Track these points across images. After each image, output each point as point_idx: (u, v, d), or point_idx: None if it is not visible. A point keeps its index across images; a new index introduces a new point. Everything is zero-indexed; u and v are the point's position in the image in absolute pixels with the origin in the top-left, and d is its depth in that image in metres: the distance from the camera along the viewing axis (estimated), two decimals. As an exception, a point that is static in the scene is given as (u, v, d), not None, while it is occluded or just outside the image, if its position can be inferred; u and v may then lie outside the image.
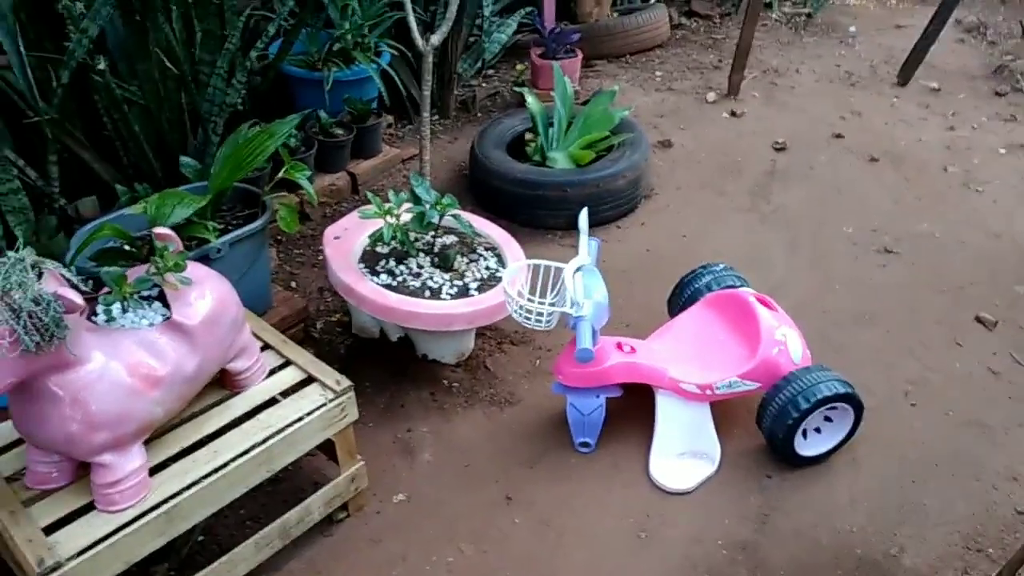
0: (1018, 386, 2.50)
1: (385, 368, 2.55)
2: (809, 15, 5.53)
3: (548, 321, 2.11)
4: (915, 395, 2.47)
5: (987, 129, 4.04)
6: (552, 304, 2.15)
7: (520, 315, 2.12)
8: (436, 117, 4.05)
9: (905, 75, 4.54)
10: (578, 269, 2.12)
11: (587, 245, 2.20)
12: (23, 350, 1.38)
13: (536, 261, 2.22)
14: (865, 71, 4.69)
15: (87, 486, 1.64)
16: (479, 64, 4.36)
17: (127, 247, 2.34)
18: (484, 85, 4.38)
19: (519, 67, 4.50)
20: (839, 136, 3.92)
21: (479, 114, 4.11)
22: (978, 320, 2.76)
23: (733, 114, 4.09)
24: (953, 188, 3.52)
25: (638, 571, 1.98)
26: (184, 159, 2.73)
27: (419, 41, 2.79)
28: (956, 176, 3.61)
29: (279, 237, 3.13)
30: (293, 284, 2.95)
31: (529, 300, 2.13)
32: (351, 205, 3.39)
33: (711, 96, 4.25)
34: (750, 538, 2.05)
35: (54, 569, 1.49)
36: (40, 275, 1.42)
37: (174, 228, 2.02)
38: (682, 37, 5.06)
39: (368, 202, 2.41)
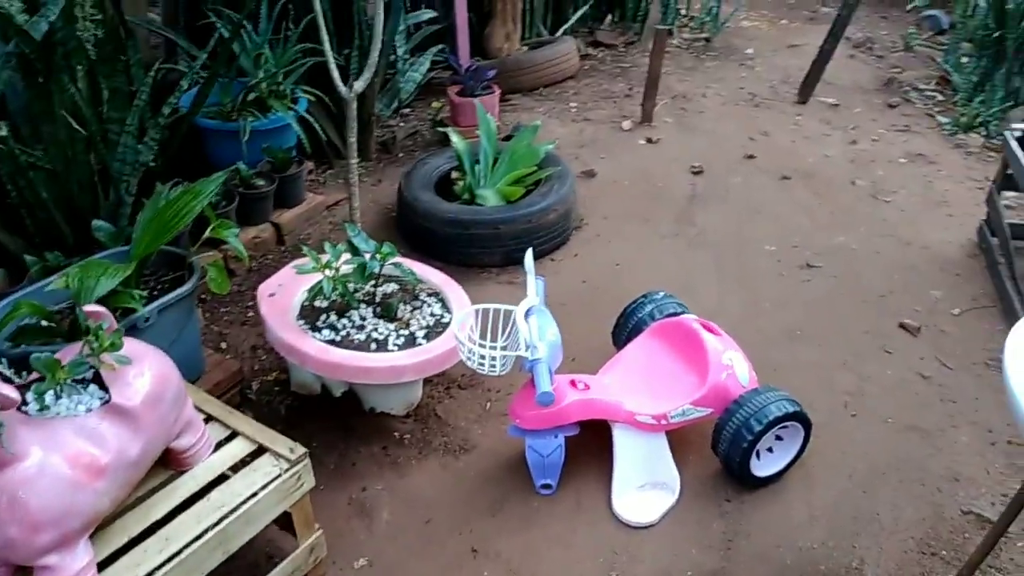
0: (948, 388, 2.62)
1: (331, 426, 2.46)
2: (708, 39, 5.75)
3: (503, 366, 2.09)
4: (854, 406, 2.56)
5: (886, 140, 4.27)
6: (504, 348, 2.12)
7: (473, 362, 2.09)
8: (358, 160, 3.99)
9: (804, 93, 4.76)
10: (528, 311, 2.11)
11: (535, 285, 2.19)
12: (-47, 455, 1.27)
13: (485, 305, 2.20)
14: (766, 91, 4.89)
15: (28, 593, 1.52)
16: (395, 104, 4.35)
17: (45, 323, 2.21)
18: (402, 125, 4.35)
19: (435, 104, 4.51)
20: (751, 156, 4.06)
21: (400, 154, 4.08)
22: (902, 327, 2.89)
23: (649, 141, 4.19)
24: (862, 200, 3.70)
25: (613, 612, 1.96)
26: (97, 222, 2.60)
27: (342, 88, 2.74)
28: (864, 188, 3.79)
29: (203, 297, 3.01)
30: (223, 345, 2.83)
31: (480, 346, 2.10)
32: (277, 257, 3.30)
33: (627, 124, 4.34)
34: (717, 566, 2.07)
35: None
36: (-33, 371, 1.31)
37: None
38: (591, 67, 5.17)
39: (298, 254, 2.34)
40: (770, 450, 2.28)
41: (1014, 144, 3.03)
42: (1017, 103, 4.44)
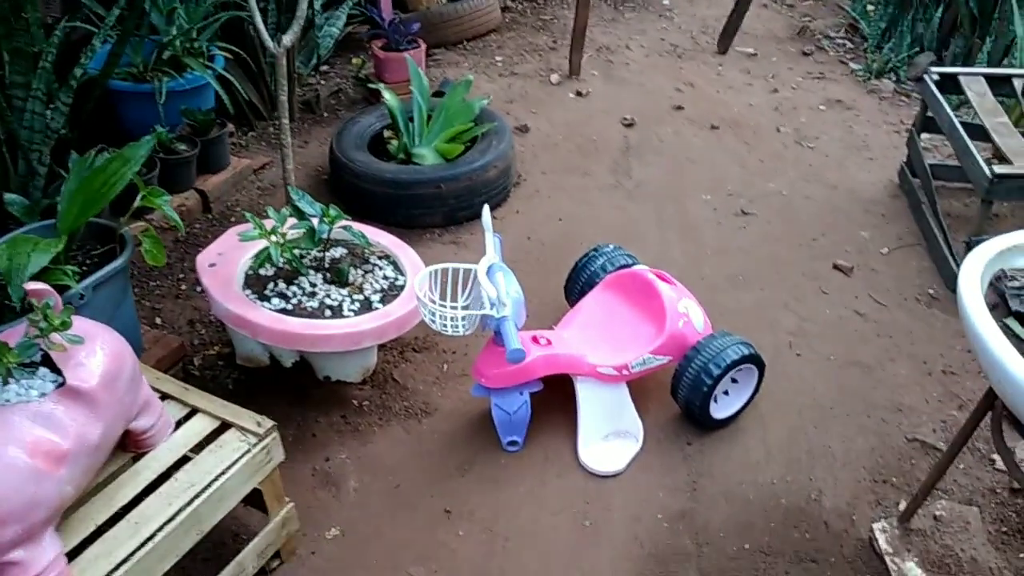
0: (883, 324, 2.74)
1: (284, 397, 2.39)
2: (625, -9, 5.74)
3: (467, 326, 2.05)
4: (798, 346, 2.65)
5: (804, 88, 4.39)
6: (466, 307, 2.09)
7: (436, 323, 2.05)
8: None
9: (724, 44, 4.82)
10: (489, 268, 2.08)
11: (493, 242, 2.16)
12: (-97, 453, 1.15)
13: (443, 265, 2.15)
14: (688, 43, 4.93)
15: (-11, 593, 1.42)
16: (314, 60, 4.18)
17: (-34, 306, 2.04)
18: (323, 83, 4.19)
19: (355, 60, 4.35)
20: (679, 108, 4.10)
21: (325, 114, 3.93)
22: (836, 267, 3.00)
23: (579, 94, 4.17)
24: (788, 147, 3.80)
25: (590, 559, 1.99)
26: (9, 196, 2.41)
27: (270, 43, 2.60)
28: (788, 135, 3.89)
29: (131, 271, 2.84)
30: (158, 321, 2.69)
31: (441, 306, 2.06)
32: (205, 226, 3.14)
33: (555, 78, 4.31)
34: (686, 507, 2.12)
35: None
36: (-91, 361, 1.19)
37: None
38: (512, 20, 5.08)
39: (226, 222, 2.22)
40: (726, 393, 2.34)
41: (932, 87, 3.15)
42: (923, 48, 4.62)
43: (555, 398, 2.30)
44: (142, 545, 1.52)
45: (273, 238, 2.20)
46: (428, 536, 2.03)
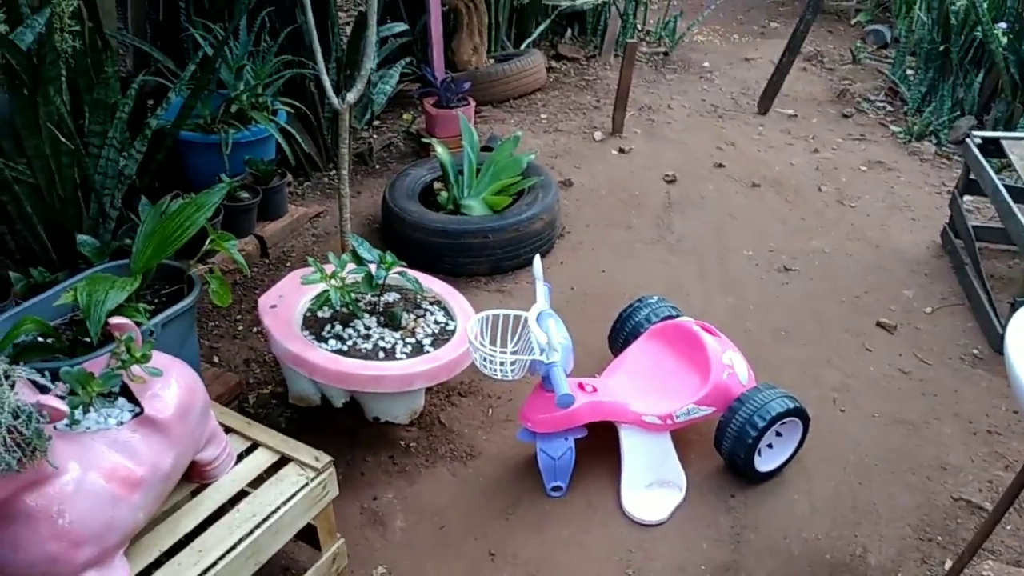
0: (928, 382, 2.74)
1: (335, 436, 2.45)
2: (666, 53, 5.90)
3: (514, 371, 2.11)
4: (842, 402, 2.66)
5: (845, 149, 4.45)
6: (515, 353, 2.15)
7: (487, 367, 2.11)
8: (333, 172, 3.98)
9: (765, 105, 4.92)
10: (539, 315, 2.15)
11: (543, 291, 2.23)
12: (3, 470, 1.24)
13: (494, 311, 2.22)
14: (728, 103, 5.04)
15: (61, 611, 1.48)
16: (368, 115, 4.35)
17: (42, 339, 2.15)
18: (376, 137, 4.35)
19: (406, 116, 4.53)
20: (720, 165, 4.18)
21: (376, 166, 4.08)
22: (879, 325, 3.01)
23: (621, 151, 4.28)
24: (830, 206, 3.84)
25: (633, 608, 2.00)
26: (81, 237, 2.55)
27: (335, 100, 2.74)
28: (830, 194, 3.94)
29: (191, 310, 2.96)
30: (216, 359, 2.79)
31: (492, 350, 2.13)
32: (262, 270, 3.27)
33: (598, 135, 4.43)
34: (730, 559, 2.13)
35: None
36: (12, 384, 1.29)
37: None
38: (556, 80, 5.25)
39: (282, 267, 2.32)
40: (770, 446, 2.35)
41: (975, 151, 3.19)
42: (963, 112, 4.67)
43: (599, 445, 2.33)
44: (204, 572, 1.58)
45: (333, 282, 2.30)
46: (473, 578, 2.07)
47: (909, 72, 5.33)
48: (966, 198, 3.41)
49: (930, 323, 3.04)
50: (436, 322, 2.44)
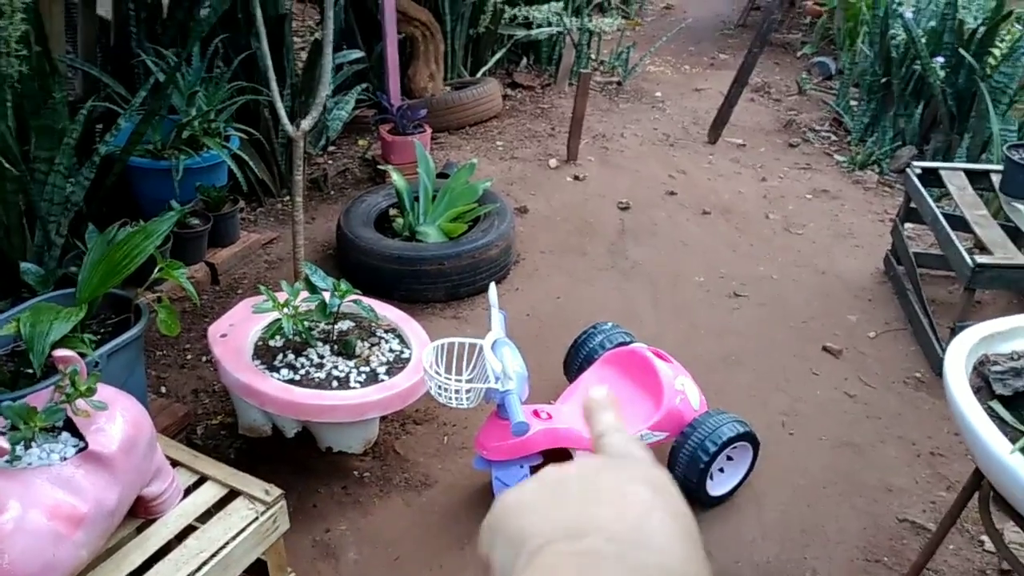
0: (873, 406, 2.81)
1: (286, 467, 2.42)
2: (619, 83, 6.01)
3: (470, 399, 2.11)
4: (790, 425, 2.72)
5: (791, 178, 4.57)
6: (470, 380, 2.16)
7: (442, 395, 2.11)
8: (287, 197, 3.96)
9: (714, 134, 5.04)
10: (494, 343, 2.16)
11: (498, 318, 2.24)
12: (-63, 510, 1.20)
13: (449, 339, 2.22)
14: (679, 132, 5.15)
15: (-3, 655, 1.43)
16: (323, 141, 4.35)
17: (-16, 371, 2.09)
18: (331, 162, 4.34)
19: (361, 142, 4.53)
20: (672, 193, 4.26)
21: (331, 192, 4.07)
22: (825, 350, 3.09)
23: (576, 178, 4.34)
24: (778, 233, 3.94)
25: (588, 636, 1.99)
26: (25, 265, 2.50)
27: (289, 127, 2.74)
28: (777, 222, 4.04)
29: (140, 339, 2.90)
30: (163, 389, 2.74)
31: (447, 379, 2.13)
32: (212, 297, 3.22)
33: (553, 162, 4.48)
34: (683, 584, 2.14)
35: None
36: (-52, 421, 1.25)
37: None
38: (511, 108, 5.30)
39: (233, 295, 2.30)
40: (721, 470, 2.39)
41: (916, 181, 3.31)
42: (905, 142, 4.84)
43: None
44: (150, 610, 1.55)
45: (286, 310, 2.28)
46: (428, 610, 2.05)
47: (853, 103, 5.50)
48: (907, 226, 3.52)
49: (874, 347, 3.12)
50: (391, 350, 2.44)
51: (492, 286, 2.34)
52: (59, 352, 1.61)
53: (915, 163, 3.43)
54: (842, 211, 4.20)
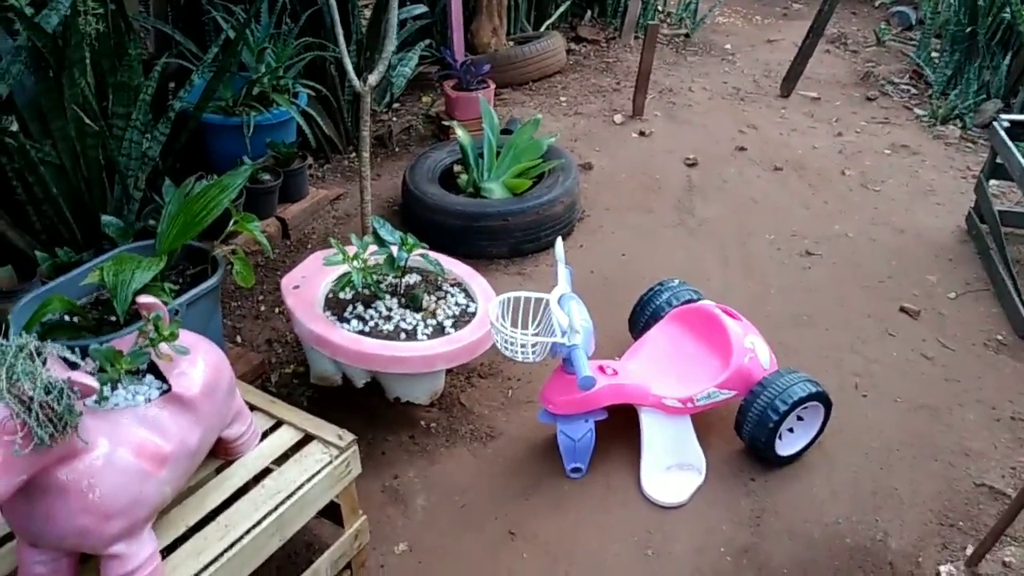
0: (951, 368, 2.72)
1: (356, 416, 2.47)
2: (687, 35, 5.85)
3: (536, 353, 2.12)
4: (864, 387, 2.65)
5: (869, 132, 4.40)
6: (536, 335, 2.16)
7: (508, 349, 2.12)
8: (353, 154, 3.99)
9: (787, 87, 4.87)
10: (561, 298, 2.15)
11: (565, 274, 2.23)
12: (35, 444, 1.26)
13: (515, 294, 2.23)
14: (750, 85, 4.99)
15: (91, 583, 1.52)
16: (387, 98, 4.35)
17: (71, 318, 2.19)
18: (395, 120, 4.35)
19: (425, 99, 4.52)
20: (742, 148, 4.15)
21: (396, 149, 4.09)
22: (903, 310, 2.99)
23: (642, 134, 4.26)
24: (854, 190, 3.81)
25: (652, 589, 2.01)
26: (106, 218, 2.57)
27: (356, 82, 2.74)
28: (854, 179, 3.90)
29: (214, 291, 2.98)
30: (239, 339, 2.82)
31: (513, 332, 2.13)
32: (283, 251, 3.29)
33: (618, 118, 4.40)
34: (749, 541, 2.13)
35: None
36: (44, 360, 1.31)
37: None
38: (576, 63, 5.22)
39: (303, 249, 2.32)
40: (791, 430, 2.35)
41: (1003, 134, 3.15)
42: (989, 95, 4.60)
43: (619, 428, 2.34)
44: (230, 547, 1.61)
45: (355, 263, 2.31)
46: (492, 557, 2.08)
47: (934, 54, 5.25)
48: (992, 182, 3.36)
49: (954, 308, 3.01)
50: (457, 304, 2.45)
51: (559, 241, 2.32)
52: (143, 299, 1.67)
53: (1002, 116, 3.26)
54: (922, 167, 4.03)
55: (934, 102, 4.77)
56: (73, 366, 1.42)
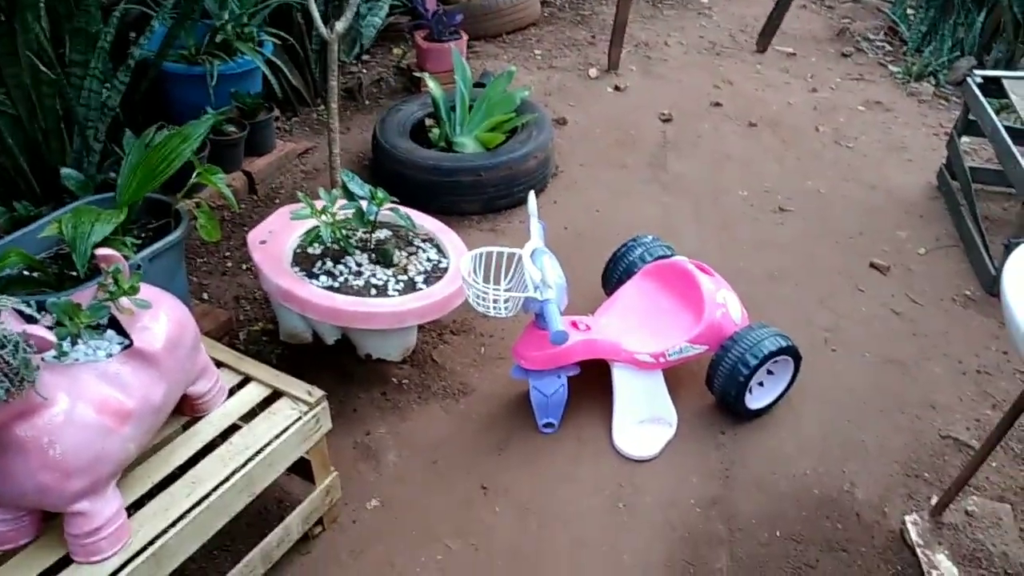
0: (919, 323, 2.75)
1: (327, 373, 2.44)
2: (663, -12, 5.75)
3: (508, 308, 2.10)
4: (833, 342, 2.67)
5: (844, 89, 4.38)
6: (508, 290, 2.14)
7: (480, 304, 2.09)
8: (321, 107, 3.90)
9: (763, 43, 4.82)
10: (533, 253, 2.12)
11: (537, 228, 2.20)
12: (-10, 400, 1.22)
13: (487, 248, 2.20)
14: (726, 40, 4.94)
15: (55, 540, 1.49)
16: (356, 49, 4.25)
17: (30, 272, 2.12)
18: (365, 72, 4.25)
19: (396, 51, 4.42)
20: (717, 104, 4.12)
21: (366, 102, 4.00)
22: (873, 266, 3.01)
23: (617, 88, 4.20)
24: (827, 146, 3.80)
25: (623, 540, 2.03)
26: (66, 171, 2.50)
27: (323, 29, 2.66)
28: (827, 135, 3.90)
29: (180, 246, 2.92)
30: (205, 296, 2.77)
31: (485, 288, 2.11)
32: (249, 206, 3.22)
33: (593, 72, 4.34)
34: (719, 493, 2.15)
35: (44, 637, 1.34)
36: (-3, 314, 1.26)
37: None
38: (551, 15, 5.12)
39: (270, 204, 2.27)
40: (761, 384, 2.36)
41: (976, 90, 3.15)
42: (963, 52, 4.59)
43: (591, 383, 2.34)
44: (198, 503, 1.59)
45: (324, 218, 2.27)
46: (465, 511, 2.09)
47: (910, 11, 5.22)
48: (964, 139, 3.37)
49: (923, 264, 3.04)
50: (428, 259, 2.42)
51: (531, 195, 2.29)
52: (101, 251, 1.62)
53: (976, 72, 3.25)
54: (895, 124, 4.04)
55: (909, 59, 4.76)
56: (30, 320, 1.38)
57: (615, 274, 2.61)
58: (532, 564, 1.97)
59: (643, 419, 2.31)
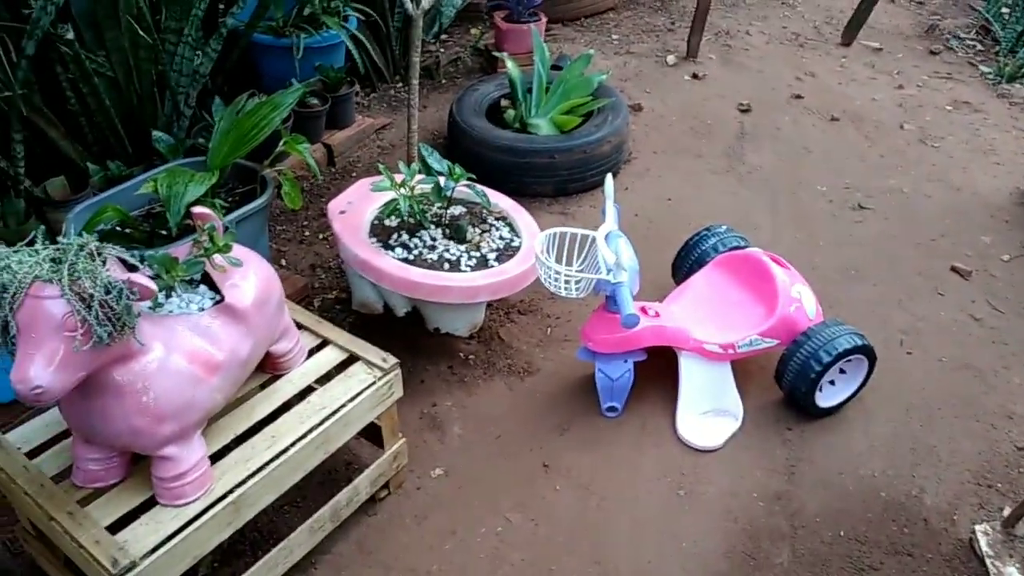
0: (999, 331, 2.66)
1: (396, 344, 2.47)
2: (747, -23, 5.63)
3: (580, 288, 2.11)
4: (909, 344, 2.61)
5: (931, 87, 4.24)
6: (581, 271, 2.14)
7: (552, 283, 2.11)
8: (399, 84, 3.95)
9: (849, 36, 4.69)
10: (607, 235, 2.13)
11: (613, 211, 2.20)
12: (95, 342, 1.29)
13: (562, 229, 2.21)
14: (810, 32, 4.83)
15: (142, 482, 1.57)
16: (436, 28, 4.28)
17: (123, 229, 2.22)
18: (443, 51, 4.28)
19: (474, 31, 4.44)
20: (798, 96, 4.03)
21: (443, 80, 4.03)
22: (954, 270, 2.92)
23: (695, 76, 4.15)
24: (912, 145, 3.69)
25: (682, 527, 2.03)
26: (157, 134, 2.59)
27: (408, 5, 2.69)
28: (913, 133, 3.78)
29: (259, 213, 3.00)
30: (283, 263, 2.85)
31: (559, 268, 2.12)
32: (328, 178, 3.29)
33: (671, 59, 4.29)
34: (782, 488, 2.13)
35: (129, 569, 1.42)
36: (104, 261, 1.33)
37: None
38: (630, 0, 5.07)
39: (348, 176, 2.31)
40: (832, 383, 2.32)
41: (1076, 92, 3.02)
42: (1062, 55, 4.40)
43: (657, 371, 2.33)
44: (276, 456, 1.65)
45: (402, 191, 2.30)
46: (526, 486, 2.11)
47: (1004, 10, 5.01)
48: (1059, 144, 3.23)
49: (1006, 271, 2.93)
50: (501, 238, 2.44)
51: (608, 178, 2.29)
52: (197, 209, 1.68)
53: (1080, 73, 3.11)
54: (984, 125, 3.89)
55: (1001, 59, 4.57)
56: (132, 269, 1.45)
57: (687, 263, 2.60)
58: (592, 542, 1.98)
59: (708, 410, 2.30)
